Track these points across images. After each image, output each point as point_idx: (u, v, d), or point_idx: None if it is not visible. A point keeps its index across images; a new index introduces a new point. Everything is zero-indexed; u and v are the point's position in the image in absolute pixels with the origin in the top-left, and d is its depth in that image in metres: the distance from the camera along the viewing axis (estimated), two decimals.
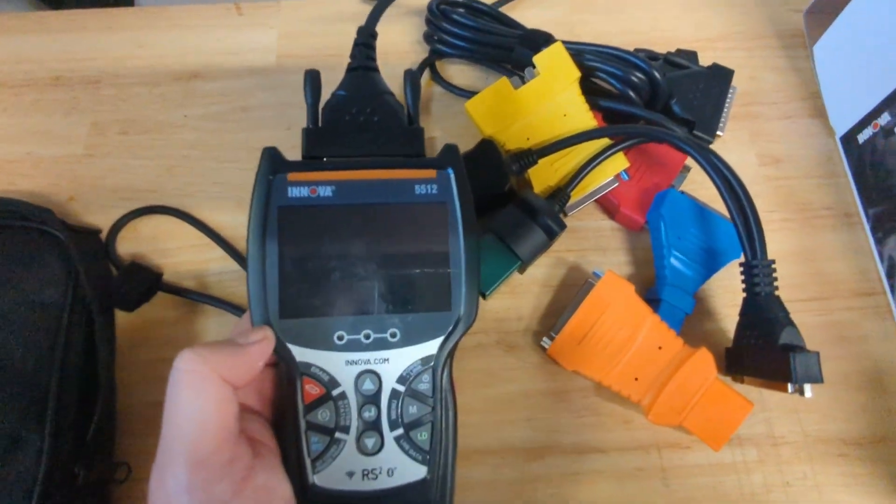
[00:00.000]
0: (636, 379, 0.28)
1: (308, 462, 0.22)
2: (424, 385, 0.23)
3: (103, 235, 0.33)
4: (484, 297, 0.29)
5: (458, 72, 0.38)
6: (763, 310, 0.27)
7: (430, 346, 0.23)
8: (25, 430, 0.24)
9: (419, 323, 0.23)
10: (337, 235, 0.23)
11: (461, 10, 0.36)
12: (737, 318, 0.29)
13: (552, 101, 0.32)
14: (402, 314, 0.23)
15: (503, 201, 0.30)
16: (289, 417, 0.22)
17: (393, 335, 0.23)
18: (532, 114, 0.32)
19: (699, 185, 0.33)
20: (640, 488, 0.28)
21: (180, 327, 0.31)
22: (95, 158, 0.35)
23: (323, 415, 0.22)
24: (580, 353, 0.28)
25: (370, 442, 0.22)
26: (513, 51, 0.34)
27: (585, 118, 0.32)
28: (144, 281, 0.31)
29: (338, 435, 0.22)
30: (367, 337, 0.23)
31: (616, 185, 0.32)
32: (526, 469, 0.28)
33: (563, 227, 0.30)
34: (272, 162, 0.23)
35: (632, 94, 0.32)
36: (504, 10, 0.38)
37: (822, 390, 0.30)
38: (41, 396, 0.25)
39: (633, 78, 0.32)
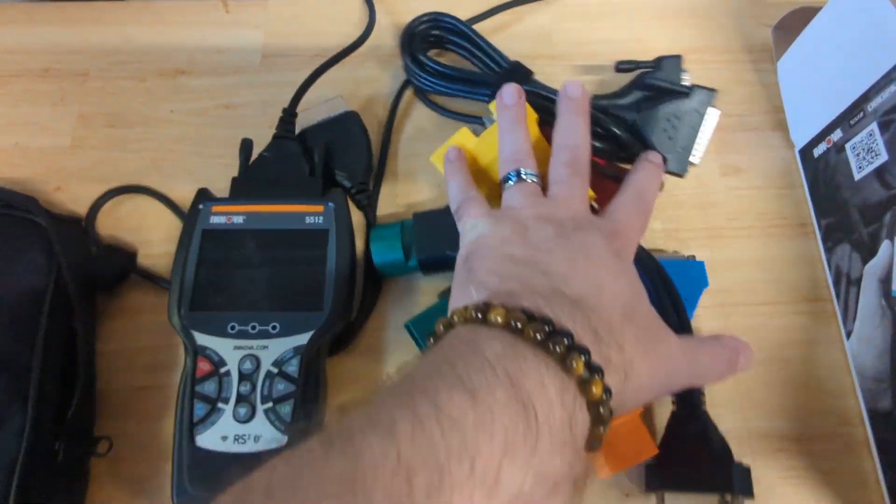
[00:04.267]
0: None
1: (193, 425, 0.27)
2: (293, 368, 0.28)
3: (84, 219, 0.34)
4: None
5: None
6: (692, 423, 0.28)
7: (303, 338, 0.28)
8: (8, 410, 0.25)
9: (296, 319, 0.28)
10: (241, 251, 0.30)
11: (435, 66, 0.36)
12: None
13: None
14: (284, 312, 0.29)
15: None
16: (184, 387, 0.27)
17: (274, 328, 0.28)
18: (493, 158, 0.31)
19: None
20: (601, 482, 0.30)
21: (158, 315, 0.32)
22: (82, 150, 0.36)
23: (209, 387, 0.27)
24: None
25: (243, 411, 0.27)
26: (493, 88, 0.34)
27: (544, 157, 0.30)
28: (120, 260, 0.32)
29: (219, 405, 0.27)
30: (254, 328, 0.28)
31: None
32: None
33: None
34: (203, 196, 0.32)
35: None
36: (487, 22, 0.40)
37: (767, 389, 0.32)
38: (23, 378, 0.26)
39: (596, 144, 0.31)
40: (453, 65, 0.37)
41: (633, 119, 0.34)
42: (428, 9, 0.41)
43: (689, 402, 0.28)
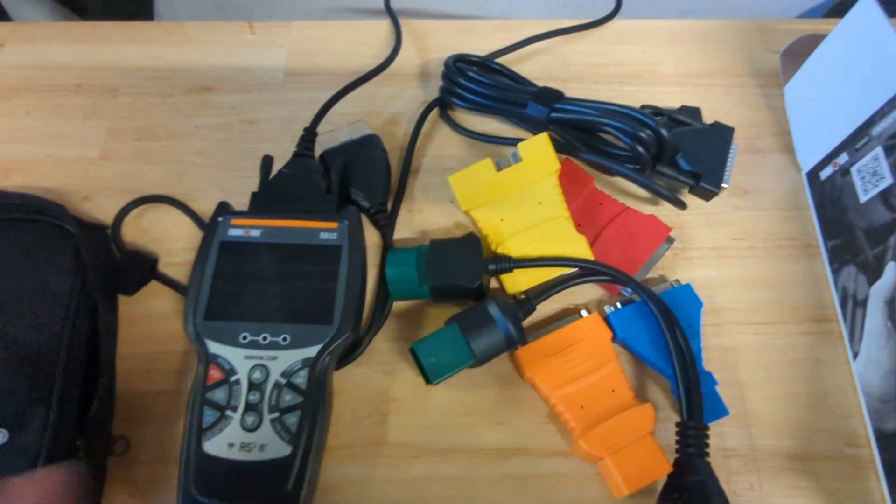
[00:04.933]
0: (582, 406, 0.30)
1: (201, 431, 0.27)
2: (301, 380, 0.28)
3: (109, 227, 0.36)
4: (430, 383, 0.30)
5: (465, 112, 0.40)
6: (694, 472, 0.28)
7: (312, 351, 0.29)
8: (33, 406, 0.26)
9: (306, 332, 0.29)
10: (256, 264, 0.31)
11: (475, 68, 0.38)
12: None
13: (529, 188, 0.33)
14: (294, 324, 0.29)
15: (474, 294, 0.32)
16: (194, 394, 0.28)
17: (284, 339, 0.29)
18: (509, 197, 0.33)
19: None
20: (600, 490, 0.30)
21: (177, 321, 0.33)
22: (110, 162, 0.38)
23: (219, 394, 0.28)
24: (545, 364, 0.30)
25: (250, 420, 0.28)
26: (526, 106, 0.36)
27: (559, 208, 0.33)
28: (142, 266, 0.34)
29: (227, 412, 0.28)
30: (265, 339, 0.29)
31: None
32: (495, 468, 0.31)
33: (524, 341, 0.31)
34: (223, 210, 0.33)
35: (640, 148, 0.34)
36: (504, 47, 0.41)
37: (773, 408, 0.32)
38: (49, 376, 0.27)
39: (642, 134, 0.33)
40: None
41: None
42: (449, 37, 0.44)
43: (692, 452, 0.28)
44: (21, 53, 0.42)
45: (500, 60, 0.41)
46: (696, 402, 0.29)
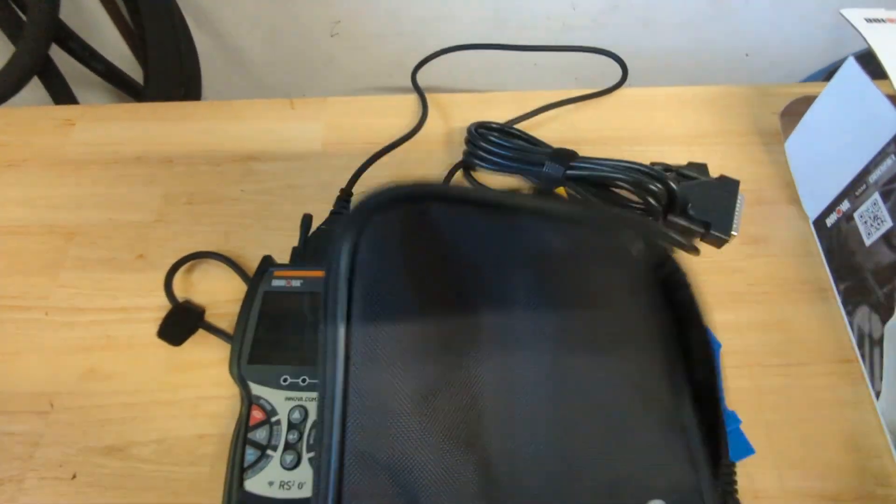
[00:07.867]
0: None
1: (243, 469, 0.29)
2: None
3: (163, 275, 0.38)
4: None
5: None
6: None
7: None
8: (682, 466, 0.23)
9: None
10: (296, 311, 0.33)
11: (496, 133, 0.43)
12: None
13: None
14: None
15: None
16: (237, 434, 0.30)
17: None
18: None
19: None
20: None
21: (222, 368, 0.35)
22: (164, 223, 0.42)
23: (260, 434, 0.30)
24: None
25: (290, 458, 0.29)
26: (543, 165, 0.40)
27: None
28: (191, 317, 0.36)
29: (268, 451, 0.29)
30: (304, 381, 0.31)
31: None
32: None
33: None
34: (266, 263, 0.36)
35: (651, 200, 0.36)
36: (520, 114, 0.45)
37: (800, 448, 0.32)
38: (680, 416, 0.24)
39: (652, 187, 0.36)
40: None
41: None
42: (470, 108, 0.48)
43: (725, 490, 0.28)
44: (89, 131, 0.47)
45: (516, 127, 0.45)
46: (724, 442, 0.30)
